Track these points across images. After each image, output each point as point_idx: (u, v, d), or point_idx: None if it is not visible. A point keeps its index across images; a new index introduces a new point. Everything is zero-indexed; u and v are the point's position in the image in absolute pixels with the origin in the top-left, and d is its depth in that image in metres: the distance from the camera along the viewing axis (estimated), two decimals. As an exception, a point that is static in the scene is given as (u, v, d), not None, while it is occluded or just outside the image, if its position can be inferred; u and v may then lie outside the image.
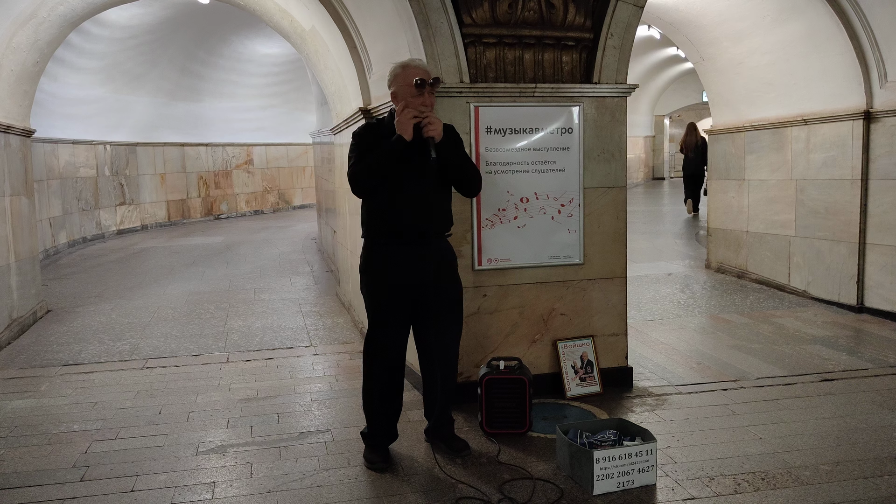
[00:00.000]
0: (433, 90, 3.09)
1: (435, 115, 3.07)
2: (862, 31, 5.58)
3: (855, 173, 5.83)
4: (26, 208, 6.22)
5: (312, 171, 14.86)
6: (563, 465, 3.11)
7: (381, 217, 3.11)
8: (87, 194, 12.22)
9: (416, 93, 3.04)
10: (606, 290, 4.15)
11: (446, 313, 3.24)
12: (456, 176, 3.18)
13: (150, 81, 13.51)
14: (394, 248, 3.11)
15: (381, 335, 3.19)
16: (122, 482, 3.10)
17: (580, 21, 3.91)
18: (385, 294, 3.14)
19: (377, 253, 3.15)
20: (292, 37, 6.24)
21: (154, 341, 5.54)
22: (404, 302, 3.15)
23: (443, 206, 3.20)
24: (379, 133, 3.12)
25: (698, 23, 6.84)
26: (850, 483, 2.96)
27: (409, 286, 3.12)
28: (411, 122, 3.01)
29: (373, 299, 3.19)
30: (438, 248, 3.17)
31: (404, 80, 3.06)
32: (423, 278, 3.11)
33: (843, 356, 4.74)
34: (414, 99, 3.04)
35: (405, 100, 3.06)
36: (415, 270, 3.10)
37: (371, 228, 3.16)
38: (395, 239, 3.11)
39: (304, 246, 10.95)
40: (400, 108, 3.06)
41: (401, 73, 3.09)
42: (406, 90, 3.06)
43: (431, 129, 3.01)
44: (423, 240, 3.10)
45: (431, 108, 3.08)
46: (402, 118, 3.01)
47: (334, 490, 2.99)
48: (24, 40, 5.66)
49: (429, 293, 3.14)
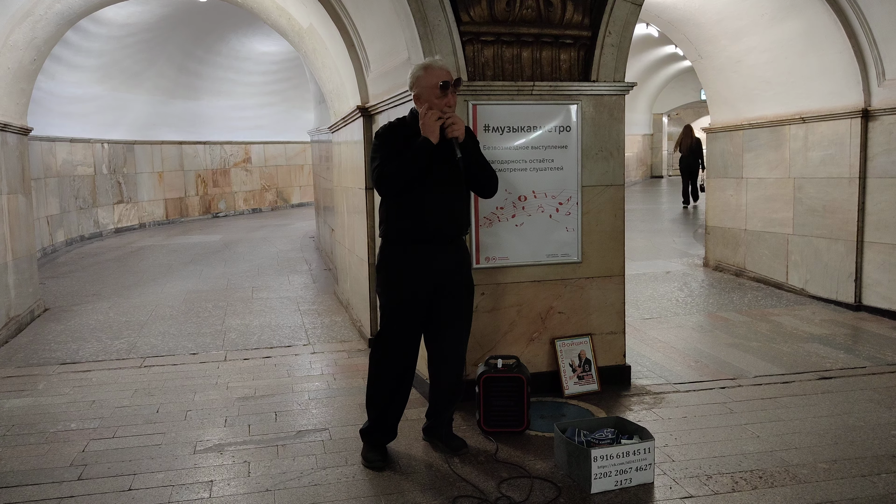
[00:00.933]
0: (456, 91, 3.09)
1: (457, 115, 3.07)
2: (860, 29, 5.58)
3: (853, 171, 5.83)
4: (23, 207, 6.20)
5: (310, 170, 14.85)
6: (560, 464, 3.11)
7: (405, 218, 3.08)
8: (84, 192, 12.20)
9: (441, 94, 3.03)
10: (604, 289, 4.15)
11: (461, 315, 3.23)
12: (478, 176, 3.17)
13: (148, 79, 13.49)
14: (414, 247, 3.10)
15: (396, 334, 3.16)
16: (119, 481, 3.09)
17: (578, 19, 3.91)
18: (403, 294, 3.12)
19: (397, 252, 3.13)
20: (290, 35, 6.23)
21: (152, 340, 5.53)
22: (420, 302, 3.13)
23: (464, 207, 3.20)
24: (402, 133, 3.10)
25: (696, 21, 6.83)
26: (848, 481, 2.96)
27: (426, 287, 3.11)
28: (437, 124, 2.99)
29: (390, 299, 3.16)
30: (458, 250, 3.18)
31: (427, 81, 3.04)
32: (442, 280, 3.11)
33: (841, 354, 4.74)
34: (438, 101, 3.03)
35: (429, 101, 3.05)
36: (433, 270, 3.09)
37: (393, 228, 3.13)
38: (418, 239, 3.09)
39: (302, 244, 10.95)
40: (424, 111, 3.05)
41: (423, 75, 3.07)
42: (430, 92, 3.04)
43: (455, 129, 3.00)
44: (445, 241, 3.10)
45: (454, 108, 3.08)
46: (426, 120, 3.00)
47: (332, 488, 2.98)
48: (21, 38, 5.64)
49: (446, 295, 3.14)
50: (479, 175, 3.17)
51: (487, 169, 3.21)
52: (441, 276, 3.11)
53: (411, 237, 3.10)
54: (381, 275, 3.20)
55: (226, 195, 16.26)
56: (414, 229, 3.08)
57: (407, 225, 3.08)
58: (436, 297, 3.14)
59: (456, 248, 3.17)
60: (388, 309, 3.18)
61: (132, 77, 13.04)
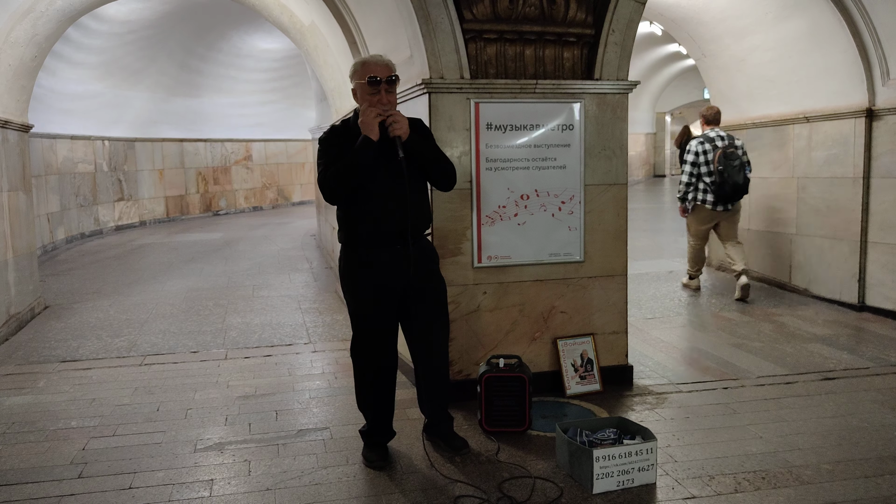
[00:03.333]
0: (391, 88, 2.98)
1: (399, 112, 2.98)
2: (865, 28, 5.55)
3: (857, 171, 5.80)
4: (24, 204, 6.19)
5: (312, 168, 14.85)
6: (562, 464, 3.09)
7: (356, 221, 3.02)
8: (85, 190, 12.20)
9: (372, 91, 2.94)
10: (607, 288, 4.13)
11: (431, 314, 3.19)
12: (429, 171, 3.10)
13: (149, 77, 13.47)
14: (372, 252, 3.04)
15: (364, 339, 3.14)
16: (119, 479, 3.08)
17: (581, 17, 3.89)
18: (367, 297, 3.07)
19: (355, 257, 3.08)
20: (292, 32, 6.21)
21: (152, 338, 5.52)
22: (388, 305, 3.09)
23: (419, 205, 3.10)
24: (346, 136, 3.02)
25: (700, 19, 6.81)
26: (852, 482, 2.95)
27: (390, 289, 3.06)
28: (376, 121, 2.90)
29: (354, 304, 3.12)
30: (418, 249, 3.09)
31: (361, 76, 2.96)
32: (404, 280, 3.05)
33: (845, 355, 4.72)
34: (371, 97, 2.94)
35: (363, 97, 2.98)
36: (394, 273, 3.04)
37: (348, 233, 3.08)
38: (372, 242, 3.03)
39: (303, 242, 10.94)
40: (363, 108, 2.97)
41: (359, 69, 2.99)
42: (362, 88, 2.97)
43: (396, 127, 2.91)
44: (402, 241, 3.01)
45: (393, 106, 2.98)
46: (365, 118, 2.92)
47: (332, 488, 2.97)
48: (22, 35, 5.63)
49: (412, 295, 3.10)
50: (431, 170, 3.09)
51: (441, 162, 3.12)
52: (402, 277, 3.04)
53: (365, 241, 3.03)
54: (343, 281, 3.17)
55: (227, 193, 16.25)
56: (367, 232, 3.01)
57: (360, 228, 3.02)
58: (402, 297, 3.10)
59: (418, 247, 3.08)
60: (353, 314, 3.15)
61: (133, 74, 13.03)
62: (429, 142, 3.15)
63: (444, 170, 3.14)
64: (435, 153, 3.14)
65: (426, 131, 3.21)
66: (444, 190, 3.26)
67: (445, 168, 3.15)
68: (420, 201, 3.11)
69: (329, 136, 3.08)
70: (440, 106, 3.75)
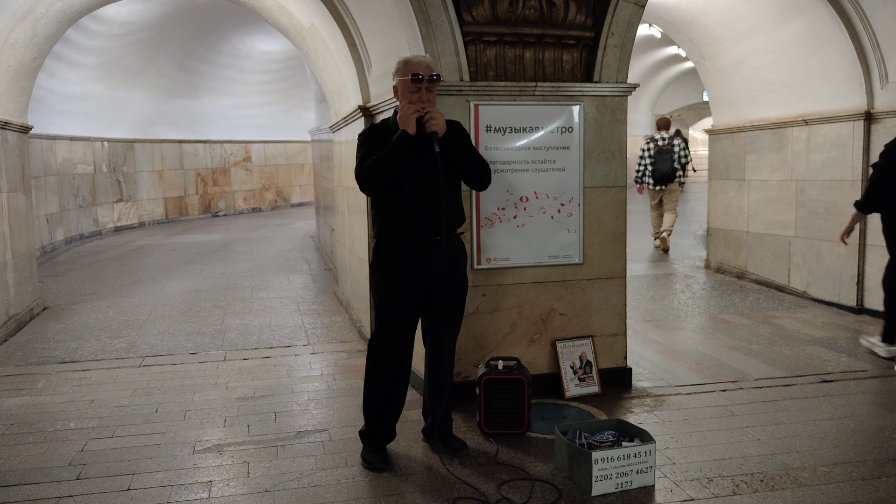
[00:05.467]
0: (432, 86, 3.08)
1: (437, 110, 3.07)
2: (863, 31, 5.57)
3: (855, 174, 5.81)
4: (23, 205, 6.19)
5: (311, 169, 14.84)
6: (561, 466, 3.09)
7: (391, 215, 3.10)
8: (84, 191, 12.19)
9: (413, 88, 3.05)
10: (606, 290, 4.14)
11: (453, 312, 3.24)
12: (463, 168, 3.17)
13: (149, 78, 13.47)
14: (405, 247, 3.10)
15: (391, 334, 3.16)
16: (118, 481, 3.08)
17: (581, 20, 3.90)
18: (397, 293, 3.12)
19: (388, 251, 3.13)
20: (291, 34, 6.22)
21: (151, 339, 5.52)
22: (414, 301, 3.14)
23: (453, 202, 3.17)
24: (384, 133, 3.12)
25: (699, 22, 6.82)
26: (849, 485, 2.95)
27: (420, 285, 3.11)
28: (413, 117, 3.01)
29: (384, 298, 3.16)
30: (450, 246, 3.15)
31: (405, 74, 3.08)
32: (435, 276, 3.09)
33: (843, 357, 4.72)
34: (412, 94, 3.06)
35: (404, 94, 3.08)
36: (426, 268, 3.08)
37: (382, 227, 3.14)
38: (406, 237, 3.10)
39: (302, 244, 10.94)
40: (403, 104, 3.08)
41: (402, 68, 3.10)
42: (404, 85, 3.08)
43: (433, 123, 3.01)
44: (435, 237, 3.07)
45: (432, 103, 3.08)
46: (404, 113, 3.04)
47: (331, 490, 2.97)
48: (21, 36, 5.63)
49: (439, 291, 3.12)
50: (465, 168, 3.16)
51: (475, 161, 3.19)
52: (433, 273, 3.09)
53: (401, 237, 3.10)
54: (373, 275, 3.21)
55: (226, 194, 16.24)
56: (403, 228, 3.08)
57: (396, 224, 3.09)
58: (430, 296, 3.14)
59: (450, 246, 3.13)
60: (381, 309, 3.18)
61: (133, 75, 13.02)
62: (465, 141, 3.23)
63: (478, 168, 3.21)
64: (470, 152, 3.21)
65: (463, 132, 3.28)
66: (479, 189, 3.34)
67: (480, 167, 3.22)
68: (454, 198, 3.18)
69: (369, 132, 3.19)
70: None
